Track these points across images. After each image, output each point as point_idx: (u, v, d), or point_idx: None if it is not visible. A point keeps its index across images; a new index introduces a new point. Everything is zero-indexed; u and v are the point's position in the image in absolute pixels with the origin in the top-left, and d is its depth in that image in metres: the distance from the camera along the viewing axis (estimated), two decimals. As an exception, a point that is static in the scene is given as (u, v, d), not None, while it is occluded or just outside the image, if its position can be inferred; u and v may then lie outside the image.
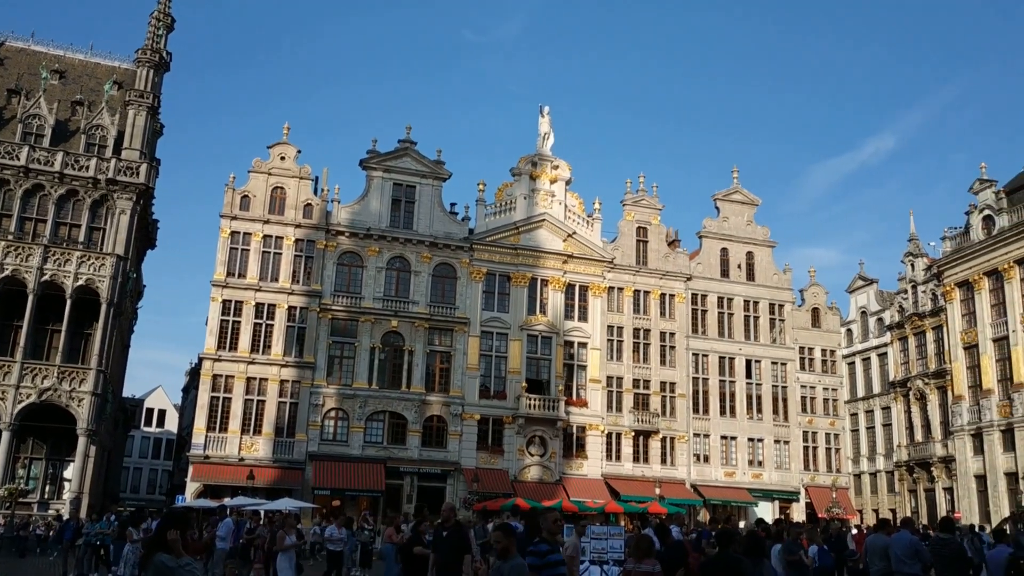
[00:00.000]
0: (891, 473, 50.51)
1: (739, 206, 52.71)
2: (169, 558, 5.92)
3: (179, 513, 6.53)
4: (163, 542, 6.00)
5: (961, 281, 45.61)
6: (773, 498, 48.49)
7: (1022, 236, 41.58)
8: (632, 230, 50.08)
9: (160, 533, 6.11)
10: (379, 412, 43.09)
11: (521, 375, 45.17)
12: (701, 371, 49.47)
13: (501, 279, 46.50)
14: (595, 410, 46.27)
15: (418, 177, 46.16)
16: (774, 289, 52.06)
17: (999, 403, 42.46)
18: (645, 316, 48.98)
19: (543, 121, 49.10)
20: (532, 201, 47.56)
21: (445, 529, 12.16)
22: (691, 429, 48.21)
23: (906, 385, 49.57)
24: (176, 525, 6.10)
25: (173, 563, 5.91)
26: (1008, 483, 41.47)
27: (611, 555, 13.90)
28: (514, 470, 43.83)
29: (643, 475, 46.07)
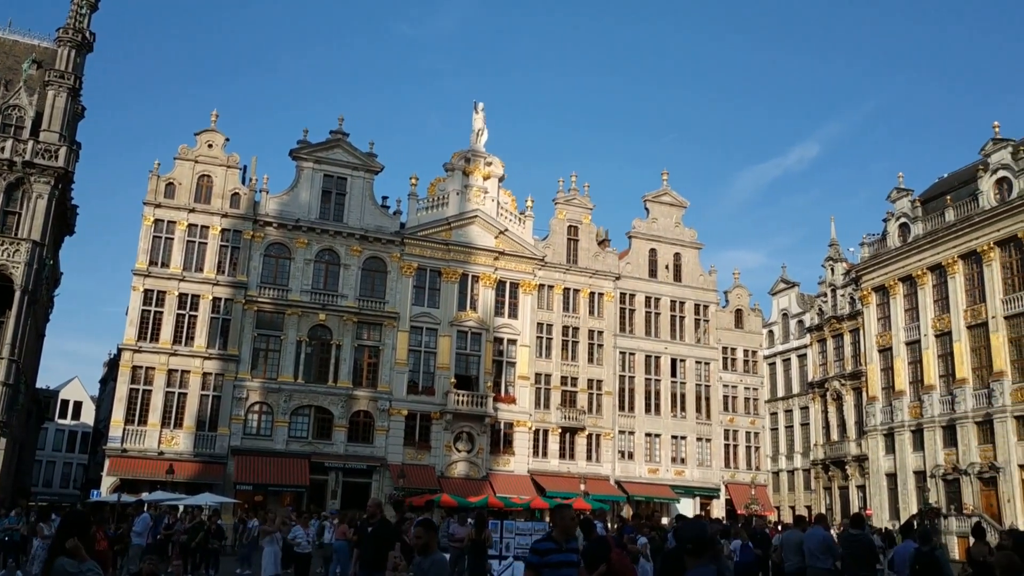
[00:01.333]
0: (808, 471, 52.09)
1: (668, 208, 53.58)
2: (71, 563, 5.75)
3: (79, 517, 6.30)
4: (64, 547, 5.83)
5: (878, 286, 47.25)
6: (695, 495, 49.49)
7: (936, 244, 43.28)
8: (563, 229, 50.46)
9: (60, 538, 5.92)
10: (305, 406, 42.53)
11: (450, 371, 45.11)
12: (628, 369, 50.17)
13: (432, 274, 46.35)
14: (523, 407, 46.52)
15: (350, 169, 45.65)
16: (700, 290, 53.10)
17: (910, 404, 44.15)
18: (574, 314, 49.43)
19: (477, 117, 49.10)
20: (465, 197, 47.52)
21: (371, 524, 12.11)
22: (617, 426, 48.85)
23: (824, 386, 51.17)
24: (76, 531, 5.92)
25: (75, 568, 5.75)
26: (916, 481, 43.18)
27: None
28: (441, 466, 43.77)
29: (569, 471, 46.50)
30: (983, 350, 40.34)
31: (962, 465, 40.08)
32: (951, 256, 42.26)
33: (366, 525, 12.25)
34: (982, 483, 39.34)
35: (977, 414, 39.85)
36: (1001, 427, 38.51)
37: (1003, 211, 39.53)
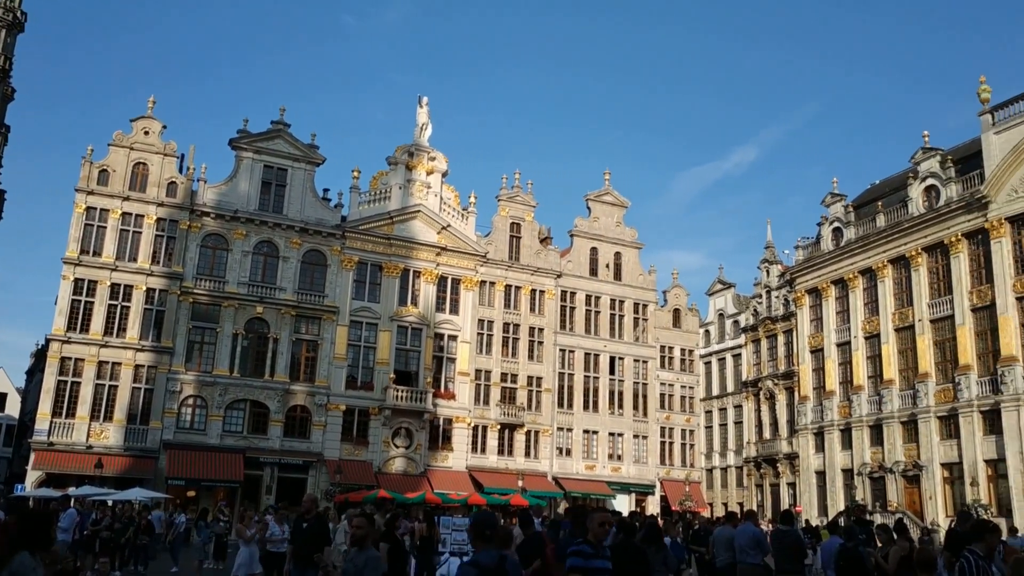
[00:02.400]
0: (740, 468, 53.20)
1: (610, 207, 54.09)
2: (30, 560, 5.62)
3: (39, 515, 6.17)
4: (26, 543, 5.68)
5: (811, 288, 48.42)
6: (630, 491, 50.12)
7: (867, 248, 44.53)
8: (506, 226, 50.58)
9: (23, 534, 5.78)
10: (240, 400, 41.85)
11: (390, 366, 44.87)
12: (567, 367, 50.55)
13: (373, 269, 46.01)
14: (462, 403, 46.52)
15: (290, 160, 45.03)
16: (639, 289, 53.75)
17: (840, 404, 45.37)
18: (515, 311, 49.59)
19: (421, 112, 48.85)
20: (407, 192, 47.27)
21: (306, 520, 12.01)
22: (555, 423, 49.19)
23: (757, 385, 52.29)
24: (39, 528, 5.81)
25: (31, 565, 5.62)
26: (844, 479, 44.42)
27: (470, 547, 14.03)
28: (378, 462, 43.52)
29: (507, 467, 46.68)
30: (909, 352, 41.66)
31: (888, 463, 41.35)
32: (881, 260, 43.53)
33: (301, 521, 12.14)
34: (906, 481, 40.66)
35: (903, 414, 41.15)
36: (925, 427, 39.83)
37: (930, 218, 40.85)
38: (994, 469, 36.86)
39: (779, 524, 14.40)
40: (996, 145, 38.25)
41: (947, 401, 38.99)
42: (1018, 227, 37.22)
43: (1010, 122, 38.00)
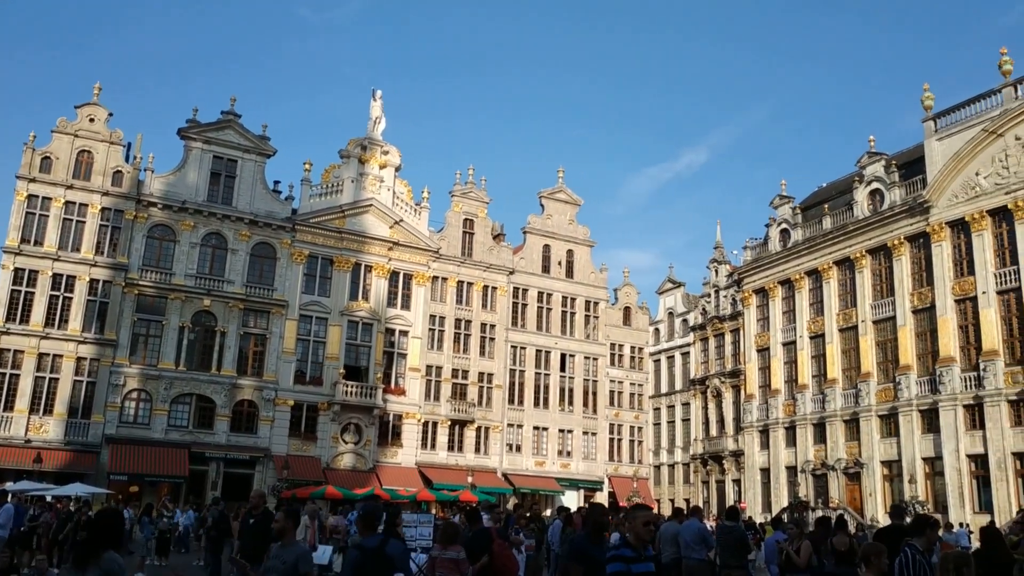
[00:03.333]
0: (687, 465, 53.93)
1: (563, 205, 54.34)
2: None
3: None
4: None
5: (758, 288, 49.24)
6: (579, 487, 50.48)
7: (813, 250, 45.41)
8: (459, 221, 50.50)
9: None
10: (186, 395, 41.17)
11: (339, 361, 44.52)
12: (518, 363, 50.70)
13: (324, 262, 45.58)
14: (413, 399, 46.36)
15: (241, 151, 44.36)
16: (591, 287, 54.11)
17: (785, 402, 46.23)
18: (467, 307, 49.57)
19: (375, 105, 48.52)
20: (360, 185, 46.91)
21: (253, 516, 11.88)
22: (506, 419, 49.31)
23: (705, 383, 53.03)
24: None
25: None
26: (788, 476, 45.29)
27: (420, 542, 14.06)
28: (327, 457, 43.17)
29: (457, 464, 46.67)
30: (853, 352, 42.61)
31: (830, 461, 42.27)
32: (827, 262, 44.43)
33: (248, 517, 12.00)
34: (847, 478, 41.61)
35: (845, 413, 42.08)
36: (866, 425, 40.79)
37: (875, 221, 41.81)
38: (931, 467, 37.92)
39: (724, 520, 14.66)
40: (938, 151, 39.28)
41: (888, 400, 39.98)
42: (958, 231, 38.28)
43: (951, 129, 39.05)
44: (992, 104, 37.60)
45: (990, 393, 35.21)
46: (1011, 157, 36.15)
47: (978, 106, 38.34)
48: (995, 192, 36.53)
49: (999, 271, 36.23)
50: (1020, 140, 35.89)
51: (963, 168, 37.89)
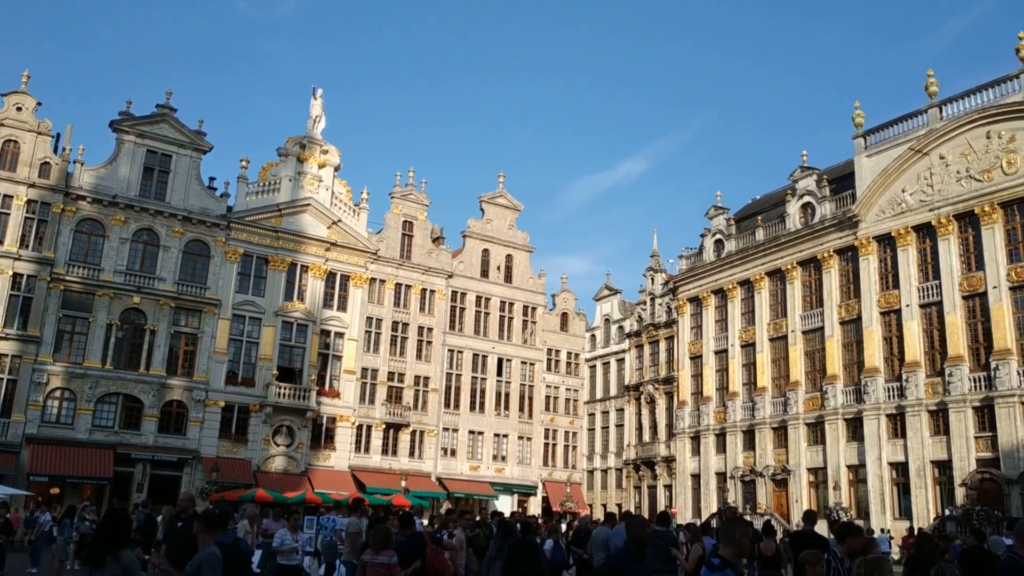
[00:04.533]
0: (620, 470, 54.48)
1: (503, 210, 54.49)
2: None
3: None
4: None
5: (692, 297, 50.06)
6: (513, 492, 50.59)
7: (746, 260, 46.37)
8: (398, 223, 50.23)
9: None
10: (112, 394, 40.04)
11: (273, 362, 43.84)
12: (455, 367, 50.61)
13: (259, 261, 44.84)
14: (347, 401, 45.91)
15: (176, 146, 43.39)
16: (529, 292, 54.35)
17: (716, 409, 47.07)
18: (405, 310, 49.32)
19: (315, 104, 47.97)
20: (298, 184, 46.31)
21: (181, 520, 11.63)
22: (441, 423, 49.17)
23: (639, 389, 53.66)
24: None
25: None
26: (718, 482, 46.10)
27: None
28: (258, 460, 42.45)
29: (391, 467, 46.36)
30: (782, 361, 43.62)
31: (759, 467, 43.16)
32: (759, 273, 45.41)
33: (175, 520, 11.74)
34: (775, 484, 42.54)
35: (774, 420, 43.03)
36: (794, 433, 41.78)
37: (806, 234, 42.90)
38: (855, 474, 39.02)
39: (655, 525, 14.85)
40: (867, 168, 40.53)
41: (815, 409, 41.01)
42: (884, 246, 39.52)
43: (880, 147, 40.33)
44: (919, 124, 38.95)
45: (911, 403, 36.42)
46: (935, 176, 37.47)
47: (905, 125, 39.69)
48: (920, 209, 37.82)
49: (922, 285, 37.51)
50: (944, 160, 37.23)
51: (890, 185, 39.14)
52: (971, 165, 36.19)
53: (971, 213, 35.86)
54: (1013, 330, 33.95)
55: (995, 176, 35.22)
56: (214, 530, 7.59)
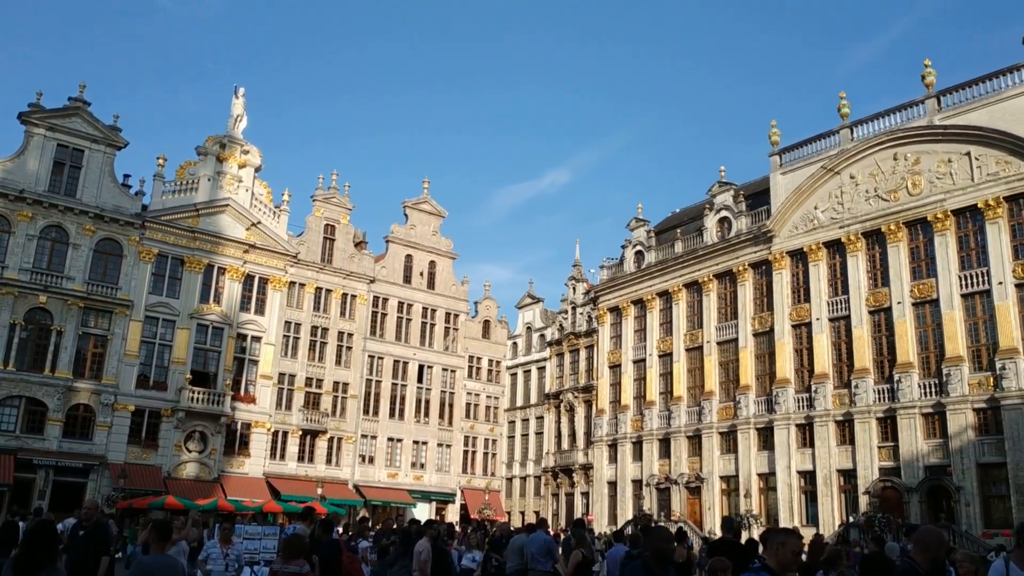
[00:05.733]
0: (539, 478, 54.80)
1: (427, 216, 54.35)
2: None
3: None
4: None
5: (612, 307, 50.78)
6: (431, 499, 50.38)
7: (665, 272, 47.28)
8: (320, 227, 49.61)
9: None
10: (13, 397, 38.36)
11: (186, 366, 42.70)
12: (375, 373, 50.18)
13: (174, 262, 43.66)
14: (263, 407, 45.04)
15: (88, 141, 41.95)
16: (452, 299, 54.30)
17: (633, 418, 47.80)
18: (325, 314, 48.69)
19: (237, 103, 47.04)
20: (217, 184, 45.30)
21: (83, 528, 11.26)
22: (360, 430, 48.66)
23: (559, 397, 54.11)
24: None
25: None
26: (634, 489, 46.79)
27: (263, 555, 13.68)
28: (168, 466, 41.25)
29: (307, 475, 45.65)
30: (698, 371, 44.59)
31: (673, 475, 43.98)
32: (677, 284, 46.36)
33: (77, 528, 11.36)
34: (689, 492, 43.41)
35: (689, 429, 43.93)
36: (708, 441, 42.72)
37: (722, 247, 44.01)
38: (765, 482, 40.12)
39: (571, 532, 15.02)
40: (782, 185, 41.85)
41: (728, 418, 42.03)
42: (796, 261, 40.84)
43: (795, 164, 41.70)
44: (831, 144, 40.42)
45: (819, 414, 37.67)
46: (846, 194, 38.93)
47: (818, 145, 41.14)
48: (831, 226, 39.22)
49: (831, 299, 38.87)
50: (854, 179, 38.71)
51: (803, 202, 40.48)
52: (879, 185, 37.72)
53: (878, 231, 37.37)
54: (915, 344, 35.47)
55: (901, 196, 36.78)
56: (166, 540, 7.50)
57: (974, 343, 33.84)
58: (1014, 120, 33.42)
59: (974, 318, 33.98)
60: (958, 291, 34.29)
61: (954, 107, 35.82)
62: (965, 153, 34.88)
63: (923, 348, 35.40)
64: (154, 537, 7.42)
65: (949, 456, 33.03)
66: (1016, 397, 31.49)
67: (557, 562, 13.89)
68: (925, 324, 35.47)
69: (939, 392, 33.86)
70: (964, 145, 34.93)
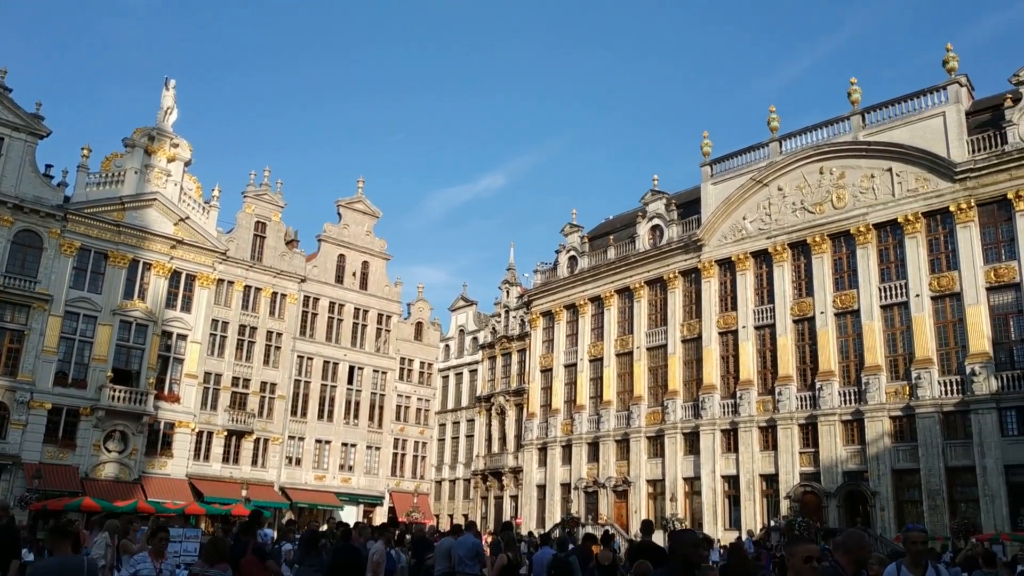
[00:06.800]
0: (468, 481, 54.75)
1: (361, 216, 53.85)
2: None
3: None
4: None
5: (545, 311, 51.09)
6: (359, 502, 49.88)
7: (598, 278, 47.77)
8: (251, 223, 48.72)
9: None
10: (-79, 393, 36.75)
11: (108, 363, 41.43)
12: (304, 374, 49.47)
13: (97, 256, 42.35)
14: (188, 407, 43.98)
15: (8, 129, 40.40)
16: (384, 300, 53.88)
17: (563, 422, 48.14)
18: (254, 313, 47.83)
19: (167, 95, 45.86)
20: (144, 177, 44.10)
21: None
22: (287, 431, 47.91)
23: (490, 400, 54.18)
24: None
25: None
26: (563, 492, 47.10)
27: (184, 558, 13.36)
28: (86, 466, 39.95)
29: (232, 476, 44.76)
30: (628, 376, 45.15)
31: (601, 479, 44.41)
32: (609, 290, 46.88)
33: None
34: (616, 495, 43.88)
35: (617, 433, 44.42)
36: (636, 445, 43.27)
37: (654, 255, 44.67)
38: (691, 486, 40.82)
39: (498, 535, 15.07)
40: (712, 195, 42.70)
41: (656, 423, 42.64)
42: (724, 269, 41.70)
43: (725, 175, 42.59)
44: (760, 156, 41.42)
45: (744, 419, 38.52)
46: (774, 206, 39.93)
47: (749, 156, 42.11)
48: (758, 236, 40.17)
49: (758, 308, 39.80)
50: (782, 191, 39.72)
51: (733, 212, 41.37)
52: (805, 198, 38.78)
53: (803, 243, 38.41)
54: (836, 353, 36.55)
55: (826, 209, 37.88)
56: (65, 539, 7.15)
57: (892, 353, 35.03)
58: (933, 139, 34.76)
59: (892, 329, 35.18)
60: (878, 302, 35.47)
61: (878, 124, 37.08)
62: (887, 169, 36.12)
63: (844, 357, 36.49)
64: (51, 540, 7.22)
65: (866, 462, 34.13)
66: (930, 406, 32.72)
67: (484, 565, 13.92)
68: (846, 334, 36.58)
69: (858, 400, 34.96)
70: (886, 161, 36.18)
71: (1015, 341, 31.90)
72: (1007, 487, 30.46)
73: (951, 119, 34.63)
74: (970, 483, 31.54)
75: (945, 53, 35.39)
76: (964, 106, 35.11)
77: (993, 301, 32.64)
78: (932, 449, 32.35)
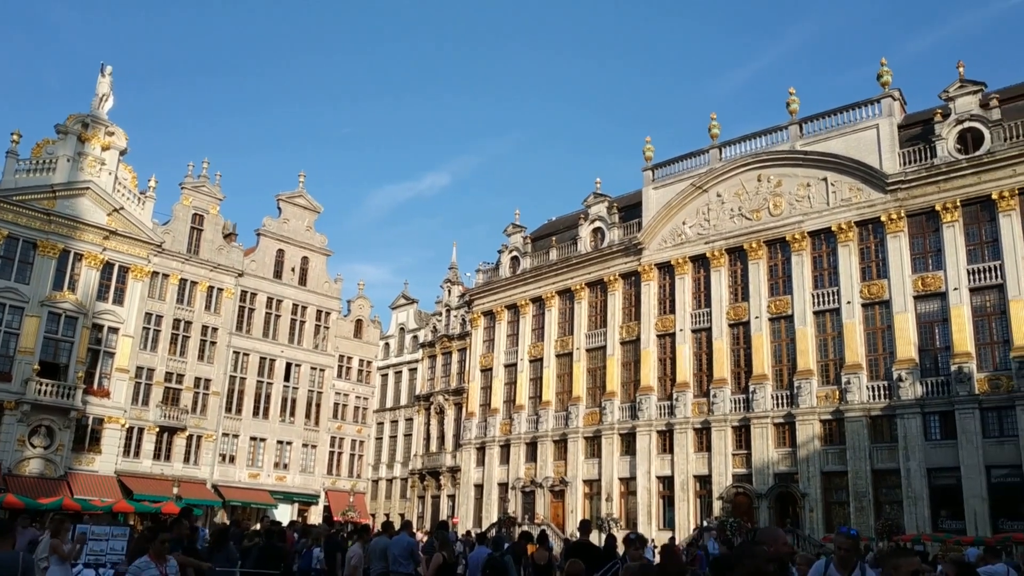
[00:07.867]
0: (406, 480, 54.53)
1: (302, 210, 53.17)
2: None
3: None
4: None
5: (487, 311, 51.14)
6: (294, 500, 49.23)
7: (539, 278, 48.01)
8: (188, 216, 47.72)
9: None
10: None
11: (35, 356, 40.14)
12: (240, 370, 48.64)
13: (25, 245, 41.00)
14: (118, 402, 42.87)
15: (-67, 112, 38.94)
16: (324, 296, 53.28)
17: (502, 421, 48.26)
18: (189, 307, 46.87)
19: (103, 81, 44.62)
20: (77, 166, 42.85)
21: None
22: (221, 428, 47.05)
23: (430, 399, 54.05)
24: None
25: None
26: (500, 492, 47.22)
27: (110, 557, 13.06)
28: (9, 462, 38.63)
29: (163, 473, 43.78)
30: (567, 377, 45.46)
31: (539, 479, 44.63)
32: (550, 291, 47.15)
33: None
34: (553, 495, 44.15)
35: (556, 433, 44.70)
36: (573, 446, 43.60)
37: (595, 257, 45.07)
38: (626, 486, 41.28)
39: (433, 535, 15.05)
40: (653, 199, 43.25)
41: (594, 424, 43.02)
42: (664, 273, 42.28)
43: (666, 180, 43.18)
44: (701, 162, 42.11)
45: (679, 421, 39.11)
46: (712, 211, 40.63)
47: (689, 162, 42.78)
48: (697, 241, 40.82)
49: (695, 311, 40.45)
50: (720, 197, 40.45)
51: (673, 216, 41.97)
52: (743, 204, 39.56)
53: (741, 248, 39.18)
54: (770, 357, 37.36)
55: (763, 216, 38.69)
56: (6, 536, 7.35)
57: (823, 358, 35.95)
58: (866, 150, 35.79)
59: (824, 335, 36.10)
60: (811, 308, 36.36)
61: (814, 135, 38.02)
62: (822, 178, 37.06)
63: (777, 361, 37.31)
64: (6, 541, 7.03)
65: (797, 464, 34.96)
66: (858, 410, 33.67)
67: (419, 564, 13.90)
68: (780, 338, 37.41)
69: (790, 403, 35.80)
70: (822, 171, 37.12)
71: (939, 348, 33.03)
72: (929, 489, 31.54)
73: (884, 132, 35.70)
74: (895, 485, 32.56)
75: (880, 67, 36.49)
76: (897, 119, 36.24)
77: (920, 309, 33.75)
78: (860, 452, 33.29)
